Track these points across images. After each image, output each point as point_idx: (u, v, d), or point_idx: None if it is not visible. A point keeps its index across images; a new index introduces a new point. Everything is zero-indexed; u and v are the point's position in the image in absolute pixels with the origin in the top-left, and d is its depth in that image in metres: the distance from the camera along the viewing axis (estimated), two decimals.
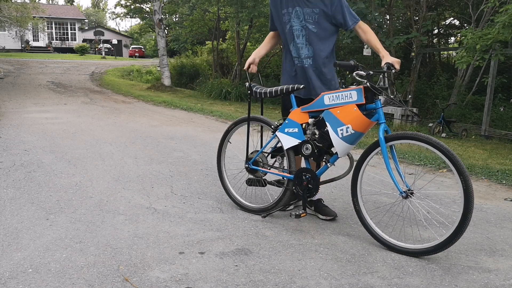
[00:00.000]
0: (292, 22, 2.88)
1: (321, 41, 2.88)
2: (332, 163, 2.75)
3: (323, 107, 2.67)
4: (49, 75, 17.23)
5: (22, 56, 27.89)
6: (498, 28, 6.57)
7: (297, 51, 2.91)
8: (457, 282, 2.21)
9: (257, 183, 3.06)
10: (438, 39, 16.23)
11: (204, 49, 21.47)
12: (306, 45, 2.89)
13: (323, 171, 2.81)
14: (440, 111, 9.26)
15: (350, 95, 2.59)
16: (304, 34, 2.87)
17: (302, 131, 2.77)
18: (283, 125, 2.86)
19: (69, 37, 39.31)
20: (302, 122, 2.78)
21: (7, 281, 2.05)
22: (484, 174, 4.57)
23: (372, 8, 9.81)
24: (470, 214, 2.35)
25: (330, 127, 2.60)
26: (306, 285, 2.12)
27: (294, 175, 2.82)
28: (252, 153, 3.09)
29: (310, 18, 2.84)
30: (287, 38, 2.95)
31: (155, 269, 2.23)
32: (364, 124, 2.54)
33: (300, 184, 2.79)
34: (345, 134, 2.56)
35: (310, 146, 2.72)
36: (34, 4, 26.30)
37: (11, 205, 3.06)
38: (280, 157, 2.98)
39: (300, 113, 2.79)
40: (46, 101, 9.79)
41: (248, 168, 3.06)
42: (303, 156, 2.79)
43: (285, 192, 2.91)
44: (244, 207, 3.13)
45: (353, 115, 2.53)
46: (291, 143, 2.79)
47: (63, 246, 2.44)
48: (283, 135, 2.83)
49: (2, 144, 5.03)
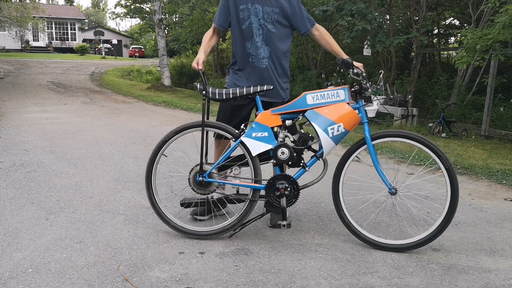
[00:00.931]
0: (251, 20, 2.72)
1: (278, 42, 2.78)
2: (310, 166, 2.62)
3: (305, 107, 2.55)
4: (49, 75, 17.23)
5: (22, 56, 27.89)
6: (498, 28, 6.57)
7: (255, 50, 2.77)
8: (457, 282, 2.21)
9: (200, 203, 2.67)
10: (438, 39, 16.23)
11: None
12: (263, 45, 2.76)
13: (300, 176, 2.64)
14: (440, 111, 9.26)
15: (337, 94, 2.55)
16: (261, 33, 2.74)
17: (273, 135, 2.56)
18: (249, 130, 2.58)
19: (69, 37, 39.31)
20: (273, 125, 2.57)
21: (7, 281, 2.05)
22: (484, 174, 4.57)
23: (372, 8, 9.81)
24: (455, 210, 2.43)
25: (318, 126, 2.50)
26: (306, 285, 2.12)
27: (267, 184, 2.58)
28: (197, 165, 2.65)
29: (269, 18, 2.72)
30: (244, 36, 2.77)
31: (155, 269, 2.23)
32: (355, 122, 2.53)
33: (275, 193, 2.57)
34: (335, 133, 2.50)
35: (287, 150, 2.54)
36: (34, 4, 26.29)
37: (11, 205, 3.06)
38: (238, 167, 2.65)
39: (270, 115, 2.58)
40: (46, 101, 9.79)
41: (203, 182, 2.60)
42: (278, 161, 2.57)
43: (250, 204, 2.61)
44: (191, 233, 2.63)
45: (345, 113, 2.50)
46: (261, 149, 2.54)
47: (63, 246, 2.44)
48: (250, 140, 2.55)
49: (2, 144, 5.03)
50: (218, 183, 2.65)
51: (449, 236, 2.83)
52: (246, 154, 2.60)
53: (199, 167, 2.61)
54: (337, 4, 9.83)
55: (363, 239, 2.58)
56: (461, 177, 4.55)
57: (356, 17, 9.65)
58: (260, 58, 2.77)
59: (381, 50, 9.96)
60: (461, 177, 4.55)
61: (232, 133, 2.63)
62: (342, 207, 2.61)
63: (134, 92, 12.96)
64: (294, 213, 3.12)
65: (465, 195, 3.84)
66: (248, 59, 2.81)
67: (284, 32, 2.80)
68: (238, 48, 2.83)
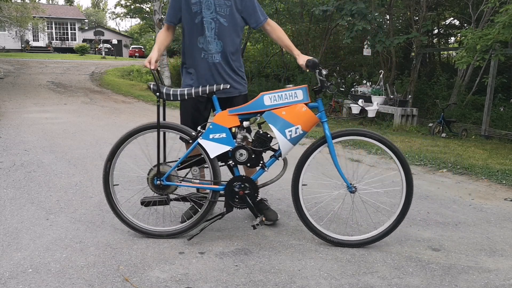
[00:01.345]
0: (204, 14, 2.65)
1: (231, 36, 2.72)
2: (269, 167, 2.59)
3: (262, 108, 2.50)
4: (49, 75, 17.23)
5: (22, 56, 27.88)
6: (498, 28, 6.57)
7: (207, 45, 2.69)
8: (457, 282, 2.21)
9: (159, 202, 2.62)
10: (438, 39, 16.23)
11: None
12: (215, 39, 2.68)
13: (259, 176, 2.63)
14: (440, 111, 9.26)
15: (295, 95, 2.50)
16: (214, 27, 2.66)
17: (231, 136, 2.51)
18: (206, 131, 2.53)
19: (69, 37, 39.31)
20: (230, 126, 2.52)
21: (7, 281, 2.05)
22: (484, 174, 4.57)
23: (372, 8, 9.81)
24: (409, 205, 2.52)
25: (275, 129, 2.45)
26: (306, 285, 2.12)
27: (226, 185, 2.56)
28: (153, 167, 2.61)
29: (222, 11, 2.66)
30: (196, 31, 2.69)
31: (155, 269, 2.23)
32: (313, 123, 2.50)
33: (235, 194, 2.55)
34: (293, 135, 2.46)
35: (245, 152, 2.51)
36: (34, 4, 26.29)
37: (11, 205, 3.06)
38: (197, 168, 2.62)
39: (228, 116, 2.52)
40: (46, 101, 9.79)
41: (161, 185, 2.58)
42: (237, 163, 2.55)
43: (209, 205, 2.59)
44: (153, 233, 2.63)
45: (303, 114, 2.46)
46: (219, 151, 2.50)
47: (63, 246, 2.45)
48: (207, 142, 2.51)
49: (2, 144, 5.03)
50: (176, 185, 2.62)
51: (449, 236, 2.83)
52: (204, 156, 2.56)
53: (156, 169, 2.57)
54: (337, 4, 9.83)
55: (322, 237, 2.61)
56: (461, 177, 4.55)
57: (356, 17, 9.65)
58: (213, 53, 2.70)
59: (381, 50, 9.97)
60: (461, 177, 4.55)
61: (189, 134, 2.58)
62: (301, 206, 2.61)
63: (134, 92, 12.96)
64: (294, 213, 3.12)
65: (465, 195, 3.84)
66: (199, 55, 2.72)
67: (237, 26, 2.74)
68: (189, 44, 2.75)
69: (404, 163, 2.48)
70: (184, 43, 2.79)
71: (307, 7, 13.66)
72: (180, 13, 2.72)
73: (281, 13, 14.79)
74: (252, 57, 17.47)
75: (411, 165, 5.04)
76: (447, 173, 4.68)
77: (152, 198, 2.62)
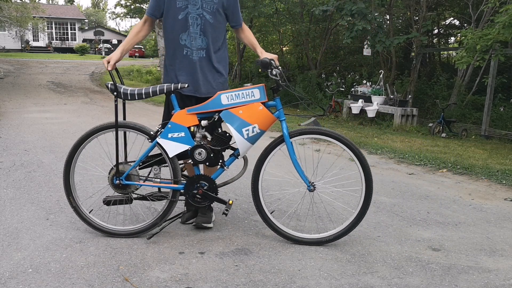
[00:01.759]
0: (189, 9, 2.61)
1: (215, 33, 2.69)
2: (228, 166, 2.60)
3: (220, 107, 2.50)
4: (49, 75, 17.23)
5: (22, 56, 27.89)
6: (498, 28, 6.57)
7: (190, 42, 2.65)
8: (457, 282, 2.21)
9: (121, 201, 2.63)
10: (438, 39, 16.23)
11: None
12: (201, 35, 2.64)
13: (219, 175, 2.63)
14: (440, 111, 9.26)
15: (252, 94, 2.50)
16: (199, 23, 2.62)
17: (190, 135, 2.51)
18: (165, 130, 2.53)
19: (69, 37, 39.31)
20: (189, 125, 2.52)
21: (7, 281, 2.05)
22: (484, 174, 4.57)
23: (372, 8, 9.81)
24: (368, 206, 2.54)
25: (232, 128, 2.45)
26: (306, 285, 2.13)
27: (186, 184, 2.57)
28: (114, 166, 2.63)
29: (208, 7, 2.62)
30: (179, 27, 2.64)
31: (155, 269, 2.23)
32: (270, 122, 2.50)
33: (194, 193, 2.56)
34: (250, 134, 2.46)
35: (204, 151, 2.51)
36: (34, 4, 26.27)
37: (11, 205, 3.06)
38: (158, 167, 2.62)
39: (186, 115, 2.52)
40: (46, 101, 9.79)
41: (120, 185, 2.58)
42: (196, 162, 2.54)
43: (170, 205, 2.59)
44: (114, 233, 2.62)
45: (259, 113, 2.46)
46: (178, 150, 2.51)
47: (63, 246, 2.45)
48: (166, 141, 2.51)
49: (2, 144, 5.03)
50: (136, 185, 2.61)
51: (449, 236, 2.83)
52: (164, 155, 2.56)
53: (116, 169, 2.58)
54: (337, 4, 9.83)
55: (282, 235, 2.62)
56: (461, 177, 4.56)
57: (356, 17, 9.65)
58: (196, 50, 2.66)
59: (381, 50, 9.96)
60: (461, 177, 4.56)
61: (148, 133, 2.59)
62: (261, 204, 2.62)
63: None
64: (294, 213, 3.13)
65: (465, 195, 3.84)
66: (181, 52, 2.67)
67: (221, 23, 2.72)
68: (171, 40, 2.70)
69: (363, 163, 2.51)
70: (166, 38, 2.74)
71: (307, 7, 13.66)
72: (163, 7, 2.65)
73: (281, 13, 14.79)
74: (252, 57, 17.46)
75: (412, 165, 5.04)
76: (447, 173, 4.68)
77: (114, 197, 2.63)
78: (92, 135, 2.63)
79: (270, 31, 16.14)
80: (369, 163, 2.61)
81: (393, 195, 3.75)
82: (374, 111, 9.62)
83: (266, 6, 13.63)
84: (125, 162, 2.65)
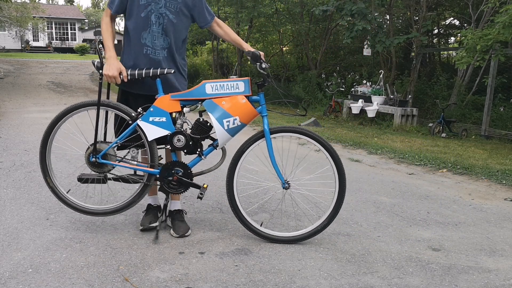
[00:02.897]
0: (152, 7, 2.56)
1: (177, 32, 2.65)
2: (206, 155, 2.61)
3: (203, 96, 2.50)
4: (49, 75, 17.23)
5: (22, 56, 27.88)
6: (498, 28, 6.57)
7: (152, 41, 2.59)
8: (457, 282, 2.21)
9: (97, 180, 2.63)
10: (438, 39, 16.22)
11: (204, 49, 21.48)
12: (163, 34, 2.60)
13: (195, 164, 2.63)
14: (440, 111, 9.26)
15: (236, 86, 2.50)
16: (162, 22, 2.58)
17: (171, 121, 2.51)
18: (147, 113, 2.52)
19: (69, 37, 39.28)
20: (171, 111, 2.52)
21: (7, 281, 2.05)
22: (484, 174, 4.57)
23: (372, 8, 9.81)
24: (341, 204, 2.58)
25: (214, 118, 2.46)
26: (306, 285, 2.12)
27: (161, 169, 2.57)
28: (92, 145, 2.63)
29: (171, 6, 2.58)
30: (140, 25, 2.58)
31: (155, 269, 2.23)
32: (252, 116, 2.51)
33: (169, 179, 2.56)
34: (231, 126, 2.47)
35: (183, 138, 2.51)
36: (34, 4, 26.27)
37: (11, 205, 3.06)
38: (135, 148, 2.62)
39: (170, 100, 2.51)
40: (46, 101, 9.79)
41: (96, 163, 2.59)
42: (174, 148, 2.54)
43: (144, 187, 2.61)
44: (89, 211, 2.69)
45: (242, 106, 2.47)
46: (158, 134, 2.51)
47: (63, 246, 2.44)
48: (147, 124, 2.51)
49: (2, 144, 5.03)
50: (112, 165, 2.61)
51: (449, 236, 2.83)
52: (143, 137, 2.56)
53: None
54: (337, 4, 9.82)
55: (256, 233, 2.63)
56: (461, 177, 4.56)
57: (356, 17, 9.65)
58: (158, 49, 2.61)
59: (381, 50, 9.96)
60: (461, 177, 4.56)
61: (129, 114, 2.57)
62: (236, 201, 2.62)
63: None
64: (294, 213, 3.13)
65: (465, 195, 3.84)
66: (141, 50, 2.60)
67: (184, 23, 2.68)
68: (131, 38, 2.63)
69: (338, 164, 2.53)
70: (126, 36, 2.66)
71: (307, 7, 13.65)
72: (126, 3, 2.59)
73: (281, 13, 14.79)
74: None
75: (412, 165, 5.04)
76: (447, 173, 4.68)
77: (89, 176, 2.62)
78: (73, 111, 2.63)
79: (270, 31, 16.14)
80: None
81: (393, 195, 3.75)
82: (374, 111, 9.61)
83: (266, 6, 13.63)
84: (104, 141, 2.66)
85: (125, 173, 2.67)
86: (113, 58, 2.53)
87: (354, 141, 6.42)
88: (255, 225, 2.64)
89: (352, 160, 5.19)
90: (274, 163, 2.57)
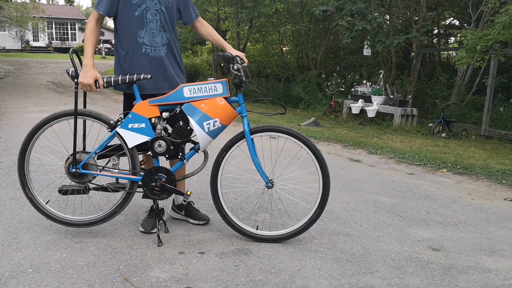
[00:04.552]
0: (147, 5, 2.52)
1: (172, 28, 2.64)
2: (188, 159, 2.59)
3: (181, 100, 2.48)
4: (49, 75, 17.23)
5: (22, 56, 27.88)
6: (498, 28, 6.57)
7: (150, 39, 2.56)
8: (457, 282, 2.21)
9: (78, 190, 2.59)
10: (438, 39, 16.22)
11: (204, 49, 21.48)
12: (161, 31, 2.57)
13: (178, 168, 2.62)
14: (440, 111, 9.26)
15: (214, 88, 2.49)
16: (159, 19, 2.55)
17: (151, 127, 2.49)
18: (125, 120, 2.49)
19: (69, 37, 39.26)
20: (150, 116, 2.49)
21: (7, 281, 2.05)
22: (484, 174, 4.57)
23: (372, 8, 9.81)
24: (325, 203, 2.57)
25: (193, 121, 2.45)
26: (306, 285, 2.13)
27: (144, 176, 2.54)
28: (72, 155, 2.58)
29: (165, 2, 2.56)
30: (135, 25, 2.53)
31: (155, 269, 2.23)
32: (232, 117, 2.50)
33: (152, 185, 2.53)
34: (211, 128, 2.46)
35: (164, 143, 2.48)
36: (34, 4, 26.27)
37: (11, 205, 3.06)
38: (116, 157, 2.58)
39: (148, 106, 2.49)
40: (46, 101, 9.79)
41: (76, 173, 2.54)
42: (155, 154, 2.51)
43: (127, 196, 2.57)
44: (69, 222, 2.62)
45: (221, 108, 2.46)
46: (138, 141, 2.48)
47: (63, 246, 2.45)
48: (126, 131, 2.48)
49: (2, 144, 5.03)
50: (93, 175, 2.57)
51: (449, 236, 2.83)
52: (123, 145, 2.53)
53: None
54: (337, 4, 9.83)
55: (241, 232, 2.63)
56: (461, 177, 4.56)
57: (356, 17, 9.65)
58: (158, 46, 2.59)
59: (381, 50, 9.96)
60: (461, 177, 4.56)
61: (108, 122, 2.54)
62: (220, 201, 2.62)
63: None
64: (294, 212, 3.13)
65: (465, 195, 3.84)
66: (139, 50, 2.56)
67: (174, 18, 2.66)
68: (126, 38, 2.57)
69: (320, 160, 2.52)
70: (120, 36, 2.60)
71: (307, 7, 13.65)
72: (117, 4, 2.53)
73: (281, 13, 14.79)
74: (252, 57, 17.45)
75: (412, 165, 5.04)
76: (447, 173, 4.68)
77: (70, 187, 2.58)
78: (51, 121, 2.57)
79: (270, 31, 16.13)
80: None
81: (393, 195, 3.75)
82: (374, 111, 9.62)
83: (266, 6, 13.62)
84: (83, 151, 2.62)
85: (106, 183, 2.64)
86: (90, 66, 2.48)
87: (354, 141, 6.42)
88: (242, 225, 2.64)
89: (352, 160, 5.19)
90: (256, 163, 2.56)
